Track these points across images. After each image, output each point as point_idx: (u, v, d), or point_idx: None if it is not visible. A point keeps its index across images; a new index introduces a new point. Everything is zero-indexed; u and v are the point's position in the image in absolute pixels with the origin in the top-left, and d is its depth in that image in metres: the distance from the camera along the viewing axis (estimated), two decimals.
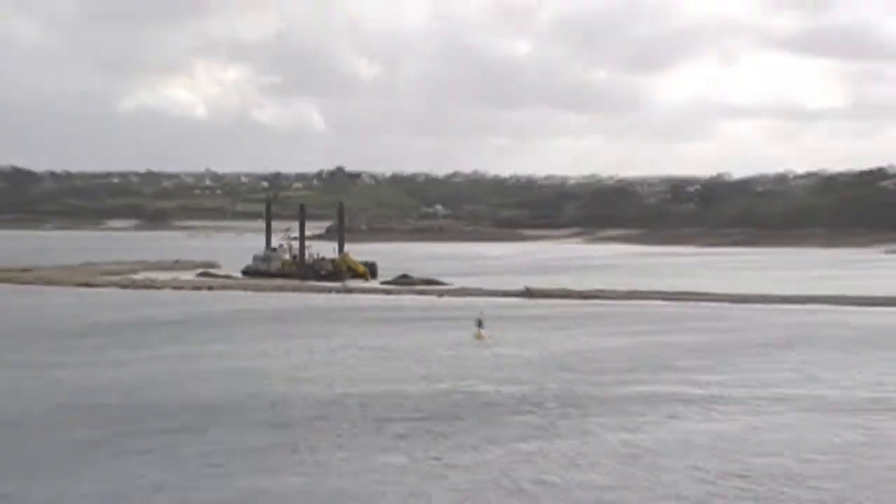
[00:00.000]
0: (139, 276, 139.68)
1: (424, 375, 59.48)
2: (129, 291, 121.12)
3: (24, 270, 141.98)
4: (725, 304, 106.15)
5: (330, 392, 53.77)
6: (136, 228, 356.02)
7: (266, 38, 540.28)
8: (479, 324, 78.54)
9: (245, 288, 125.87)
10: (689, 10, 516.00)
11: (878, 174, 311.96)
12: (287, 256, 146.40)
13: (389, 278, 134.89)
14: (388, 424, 45.50)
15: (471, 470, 37.76)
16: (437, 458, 39.28)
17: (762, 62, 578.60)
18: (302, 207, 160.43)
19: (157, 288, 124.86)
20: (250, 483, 35.63)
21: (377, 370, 61.85)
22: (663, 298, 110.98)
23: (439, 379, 58.19)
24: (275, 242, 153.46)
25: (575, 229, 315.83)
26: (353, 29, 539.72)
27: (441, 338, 76.97)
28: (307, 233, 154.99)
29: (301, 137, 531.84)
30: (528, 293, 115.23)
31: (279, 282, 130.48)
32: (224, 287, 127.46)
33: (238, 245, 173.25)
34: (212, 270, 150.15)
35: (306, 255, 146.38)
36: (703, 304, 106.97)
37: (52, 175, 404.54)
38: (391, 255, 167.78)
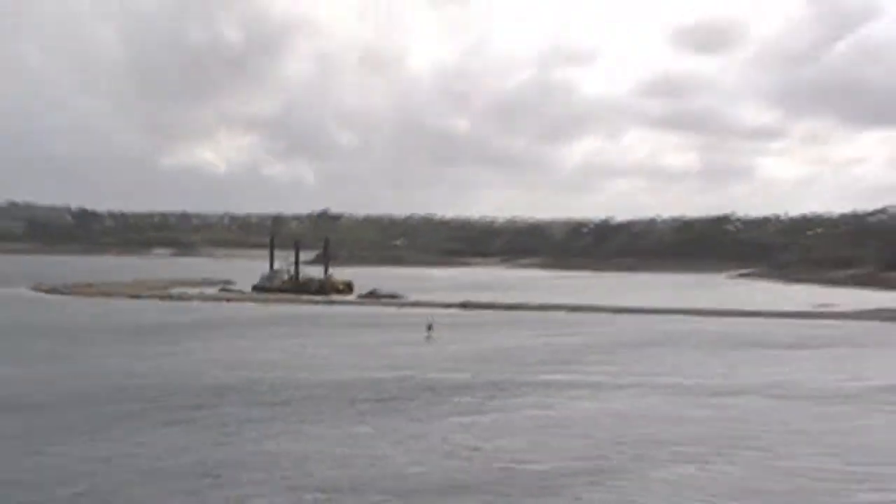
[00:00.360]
0: (175, 291, 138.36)
1: (387, 365, 59.07)
2: (166, 302, 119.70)
3: (88, 286, 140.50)
4: (611, 314, 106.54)
5: (315, 377, 53.10)
6: (173, 255, 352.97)
7: (272, 115, 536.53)
8: (429, 327, 78.40)
9: (254, 300, 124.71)
10: (585, 95, 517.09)
11: (724, 220, 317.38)
12: (286, 276, 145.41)
13: (363, 293, 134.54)
14: (358, 402, 45.08)
15: (420, 438, 37.32)
16: (395, 429, 38.76)
17: (637, 136, 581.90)
18: (296, 242, 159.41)
19: (188, 299, 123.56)
20: (253, 446, 35.09)
21: (351, 361, 61.26)
22: (566, 310, 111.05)
23: (398, 368, 57.80)
24: (277, 266, 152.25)
25: (500, 258, 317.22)
26: (337, 110, 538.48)
27: (400, 337, 76.55)
28: (301, 259, 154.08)
29: (297, 188, 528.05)
30: (465, 305, 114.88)
31: (280, 295, 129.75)
32: (239, 299, 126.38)
33: (249, 267, 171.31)
34: (229, 286, 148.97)
35: (300, 276, 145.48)
36: (595, 313, 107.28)
37: (111, 214, 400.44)
38: (364, 276, 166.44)
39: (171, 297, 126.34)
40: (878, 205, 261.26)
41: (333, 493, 29.07)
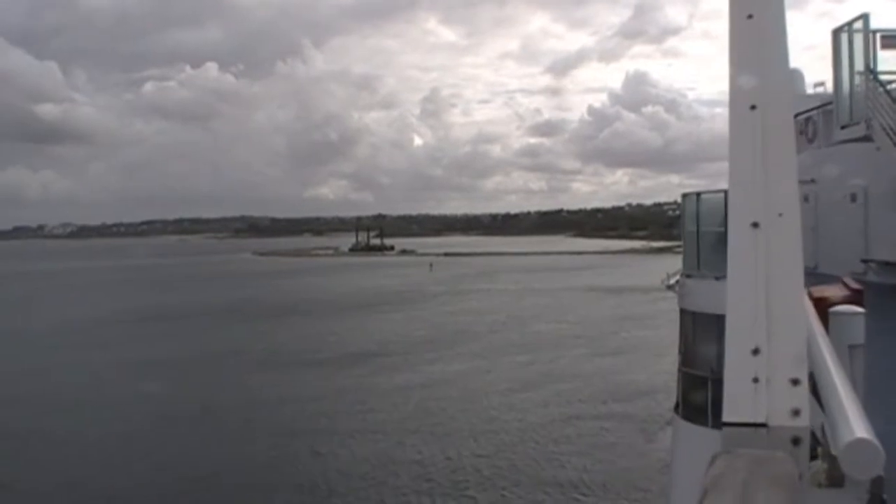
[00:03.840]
0: (314, 251, 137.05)
1: (408, 283, 58.02)
2: (312, 258, 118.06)
3: (277, 252, 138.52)
4: (510, 256, 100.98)
5: (375, 290, 51.73)
6: (313, 236, 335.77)
7: (351, 172, 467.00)
8: (431, 266, 76.98)
9: (348, 255, 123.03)
10: (497, 157, 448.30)
11: (559, 211, 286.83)
12: (363, 244, 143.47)
13: (398, 251, 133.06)
14: (395, 301, 44.50)
15: (421, 318, 37.18)
16: (409, 313, 38.61)
17: (519, 176, 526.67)
18: (368, 228, 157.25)
19: (319, 256, 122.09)
20: (354, 323, 34.96)
21: (392, 282, 59.87)
22: (490, 255, 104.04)
23: (414, 284, 56.88)
24: (358, 239, 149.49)
25: (461, 232, 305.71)
26: (382, 168, 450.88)
27: (415, 271, 74.79)
28: (370, 235, 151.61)
29: (366, 203, 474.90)
30: (447, 254, 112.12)
31: (360, 253, 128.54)
32: (341, 255, 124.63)
33: (347, 241, 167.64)
34: (338, 249, 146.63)
35: (370, 243, 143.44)
36: (504, 256, 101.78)
37: (285, 219, 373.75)
38: (398, 243, 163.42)
39: (310, 255, 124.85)
40: (625, 202, 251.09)
41: (383, 342, 29.10)
